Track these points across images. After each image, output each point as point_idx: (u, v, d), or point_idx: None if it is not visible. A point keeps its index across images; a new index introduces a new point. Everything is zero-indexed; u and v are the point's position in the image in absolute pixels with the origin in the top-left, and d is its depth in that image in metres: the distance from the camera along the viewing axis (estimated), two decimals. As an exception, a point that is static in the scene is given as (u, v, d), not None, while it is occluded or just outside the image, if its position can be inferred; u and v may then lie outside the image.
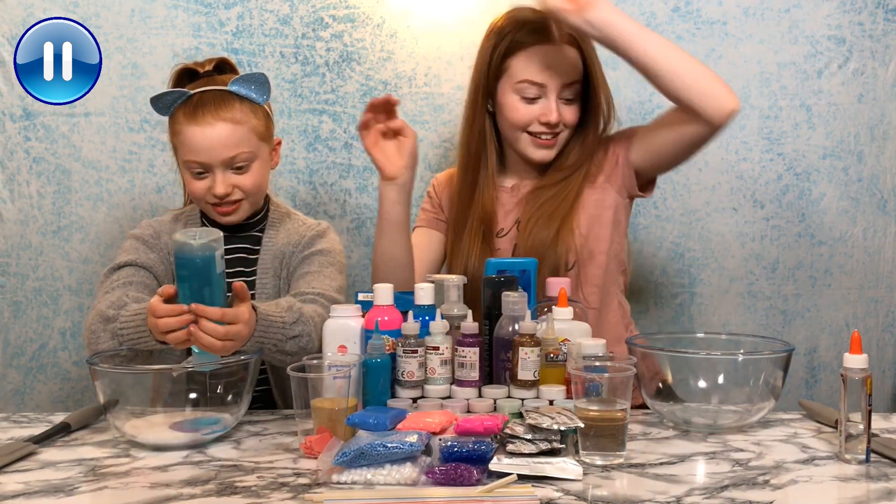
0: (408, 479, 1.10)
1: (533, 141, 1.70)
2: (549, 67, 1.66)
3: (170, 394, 1.33)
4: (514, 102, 1.69)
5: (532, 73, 1.66)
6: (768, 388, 1.35)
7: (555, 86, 1.66)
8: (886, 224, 2.10)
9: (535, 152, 1.71)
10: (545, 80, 1.66)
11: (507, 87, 1.70)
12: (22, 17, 2.02)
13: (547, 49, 1.66)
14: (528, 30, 1.67)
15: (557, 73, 1.66)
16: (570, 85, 1.68)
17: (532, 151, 1.71)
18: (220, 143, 1.54)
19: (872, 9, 2.05)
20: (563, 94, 1.68)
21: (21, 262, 2.08)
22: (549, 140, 1.70)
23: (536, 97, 1.67)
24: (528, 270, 1.48)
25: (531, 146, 1.71)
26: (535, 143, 1.70)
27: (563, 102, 1.68)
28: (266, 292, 1.63)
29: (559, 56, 1.66)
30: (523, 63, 1.67)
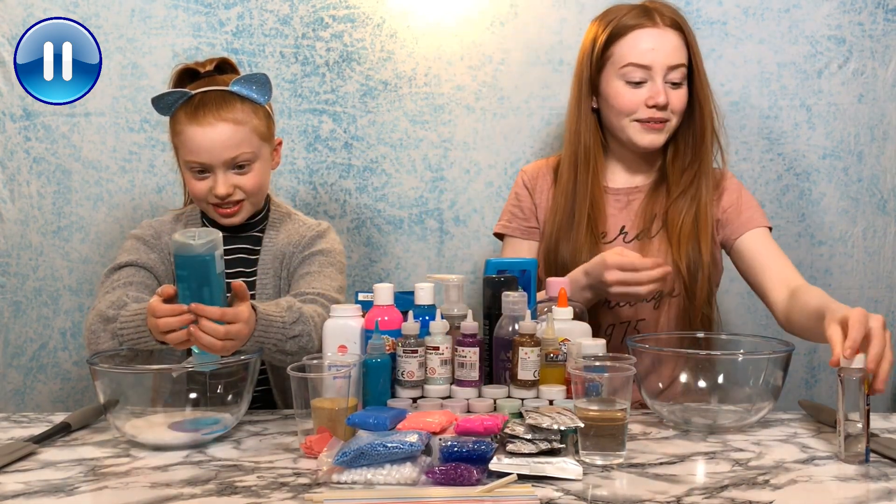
0: (408, 479, 1.10)
1: (641, 126, 1.68)
2: (654, 48, 1.65)
3: (170, 394, 1.33)
4: (620, 88, 1.68)
5: (636, 55, 1.65)
6: (768, 388, 1.35)
7: (660, 67, 1.65)
8: (886, 224, 2.10)
9: (643, 137, 1.68)
10: (650, 62, 1.65)
11: (611, 75, 1.69)
12: (22, 17, 2.02)
13: (650, 31, 1.66)
14: (629, 15, 1.68)
15: (662, 53, 1.65)
16: (675, 67, 1.66)
17: (640, 137, 1.69)
18: (222, 144, 1.54)
19: (872, 9, 2.05)
20: (669, 77, 1.66)
21: (21, 262, 2.08)
22: (658, 125, 1.68)
23: (642, 81, 1.66)
24: (528, 270, 1.48)
25: (639, 132, 1.68)
26: (644, 128, 1.68)
27: (669, 86, 1.67)
28: (266, 292, 1.63)
29: (662, 37, 1.66)
30: (627, 47, 1.67)
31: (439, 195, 2.10)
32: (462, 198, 2.10)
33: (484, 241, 2.10)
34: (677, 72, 1.67)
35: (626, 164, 1.78)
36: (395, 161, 2.09)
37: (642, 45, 1.66)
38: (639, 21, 1.67)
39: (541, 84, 2.08)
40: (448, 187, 2.10)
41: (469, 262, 2.11)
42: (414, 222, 2.10)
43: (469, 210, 2.10)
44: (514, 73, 2.08)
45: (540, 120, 2.09)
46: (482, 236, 2.10)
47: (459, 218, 2.10)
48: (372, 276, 2.09)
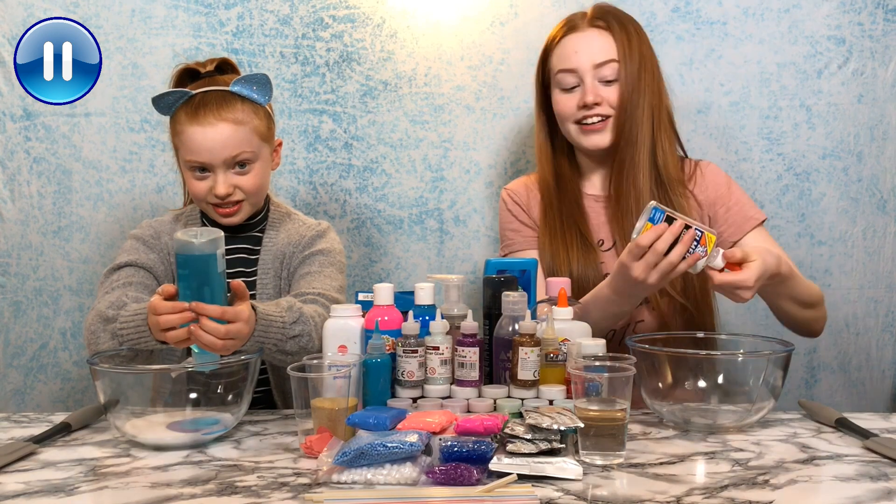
0: (408, 479, 1.10)
1: (581, 129, 1.71)
2: (577, 51, 1.69)
3: (170, 394, 1.33)
4: (557, 96, 1.73)
5: (563, 61, 1.70)
6: (768, 388, 1.35)
7: (586, 67, 1.68)
8: (886, 224, 2.10)
9: (585, 139, 1.71)
10: (575, 65, 1.69)
11: (553, 86, 1.75)
12: (22, 17, 2.02)
13: (575, 36, 1.70)
14: (561, 28, 1.73)
15: (585, 55, 1.68)
16: (602, 64, 1.68)
17: (583, 139, 1.72)
18: (222, 144, 1.54)
19: (872, 9, 2.05)
20: (600, 76, 1.68)
21: (21, 263, 2.08)
22: (595, 125, 1.70)
23: (575, 85, 1.70)
24: (528, 270, 1.48)
25: (580, 135, 1.72)
26: (583, 130, 1.71)
27: (602, 84, 1.69)
28: (267, 292, 1.63)
29: (585, 39, 1.69)
30: (556, 57, 1.72)
31: (439, 195, 2.10)
32: (462, 198, 2.10)
33: (484, 241, 2.10)
34: (607, 68, 1.68)
35: (596, 170, 1.79)
36: (395, 161, 2.09)
37: (568, 49, 1.70)
38: (564, 31, 1.72)
39: (541, 84, 2.08)
40: (448, 187, 2.10)
41: (469, 262, 2.11)
42: (414, 222, 2.10)
43: (469, 210, 2.10)
44: (514, 73, 2.08)
45: (540, 120, 2.08)
46: (482, 236, 2.10)
47: (459, 218, 2.11)
48: (372, 276, 2.09)
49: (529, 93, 2.08)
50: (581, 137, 1.72)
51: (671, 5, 2.05)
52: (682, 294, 1.67)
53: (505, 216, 1.83)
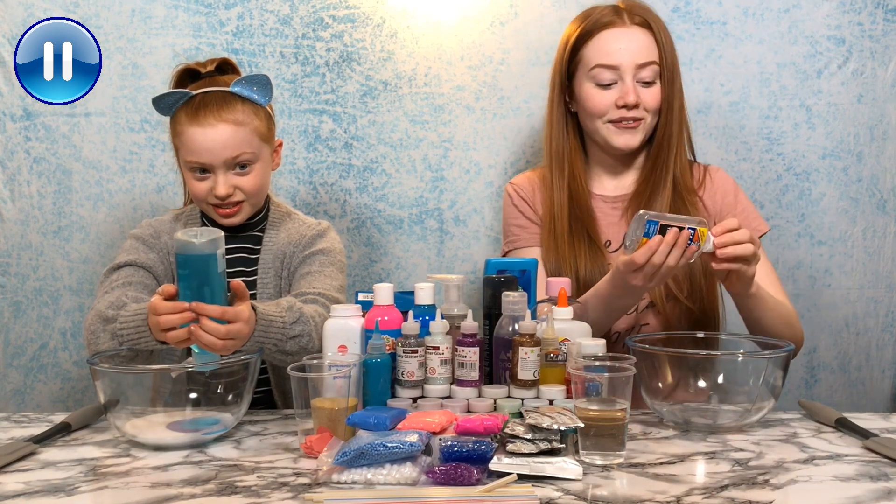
0: (408, 479, 1.10)
1: (614, 127, 1.67)
2: (621, 48, 1.64)
3: (170, 394, 1.33)
4: (591, 90, 1.67)
5: (604, 56, 1.65)
6: (768, 388, 1.35)
7: (629, 66, 1.64)
8: (886, 224, 2.10)
9: (617, 138, 1.68)
10: (618, 62, 1.64)
11: (582, 78, 1.68)
12: (22, 17, 2.02)
13: (616, 31, 1.65)
14: (596, 17, 1.67)
15: (629, 52, 1.64)
16: (645, 65, 1.65)
17: (614, 138, 1.68)
18: (222, 145, 1.54)
19: (872, 9, 2.05)
20: (639, 76, 1.65)
21: (21, 262, 2.08)
22: (631, 124, 1.67)
23: (612, 82, 1.65)
24: (528, 270, 1.48)
25: (613, 133, 1.68)
26: (617, 128, 1.67)
27: (640, 85, 1.65)
28: (267, 292, 1.63)
29: (630, 36, 1.65)
30: (595, 48, 1.66)
31: (439, 195, 2.10)
32: (462, 198, 2.10)
33: (484, 241, 2.10)
34: (648, 69, 1.65)
35: (610, 170, 1.77)
36: (395, 161, 2.10)
37: (610, 45, 1.65)
38: (607, 21, 1.66)
39: (541, 84, 2.07)
40: (448, 187, 2.10)
41: (469, 262, 2.11)
42: (414, 222, 2.10)
43: (469, 210, 2.10)
44: (514, 73, 2.08)
45: (540, 120, 2.08)
46: (482, 236, 2.10)
47: (459, 218, 2.11)
48: (372, 276, 2.09)
49: (529, 93, 2.08)
50: (613, 136, 1.68)
51: (671, 5, 2.05)
52: (688, 298, 1.66)
53: (509, 211, 1.80)
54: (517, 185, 1.81)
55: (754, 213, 1.75)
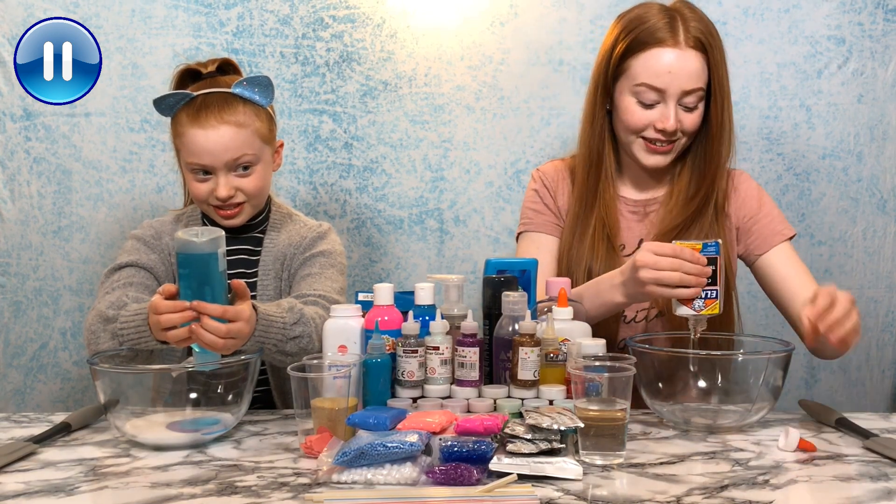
0: (408, 479, 1.10)
1: (647, 146, 1.63)
2: (670, 72, 1.56)
3: (170, 394, 1.33)
4: (631, 105, 1.61)
5: (651, 76, 1.57)
6: (768, 388, 1.35)
7: (675, 92, 1.57)
8: (886, 224, 2.10)
9: (647, 158, 1.63)
10: (665, 86, 1.57)
11: (625, 88, 1.62)
12: (22, 17, 2.02)
13: (669, 52, 1.56)
14: (651, 29, 1.58)
15: (678, 78, 1.56)
16: (691, 92, 1.58)
17: (644, 157, 1.64)
18: (224, 146, 1.54)
19: (872, 9, 2.05)
20: (683, 101, 1.58)
21: (21, 262, 2.08)
22: (664, 147, 1.62)
23: (655, 102, 1.59)
24: (528, 270, 1.48)
25: (644, 151, 1.63)
26: (649, 149, 1.63)
27: (682, 109, 1.59)
28: (267, 294, 1.63)
29: (682, 60, 1.56)
30: (642, 65, 1.58)
31: (439, 195, 2.10)
32: (462, 198, 2.10)
33: (484, 241, 2.10)
34: (693, 96, 1.58)
35: (635, 177, 1.73)
36: (395, 161, 2.10)
37: (659, 66, 1.57)
38: (660, 37, 1.57)
39: (541, 84, 2.08)
40: (448, 187, 2.10)
41: (469, 262, 2.11)
42: (414, 222, 2.10)
43: (469, 210, 2.10)
44: (514, 73, 2.08)
45: (540, 120, 2.09)
46: (482, 236, 2.10)
47: (459, 218, 2.11)
48: (372, 276, 2.09)
49: (529, 93, 2.08)
50: (643, 154, 1.64)
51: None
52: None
53: (530, 195, 1.77)
54: (543, 172, 1.77)
55: (780, 217, 1.70)
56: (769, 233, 1.67)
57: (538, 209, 1.74)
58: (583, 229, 1.68)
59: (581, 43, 2.04)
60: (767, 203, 1.71)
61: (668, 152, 1.63)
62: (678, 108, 1.59)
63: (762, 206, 1.70)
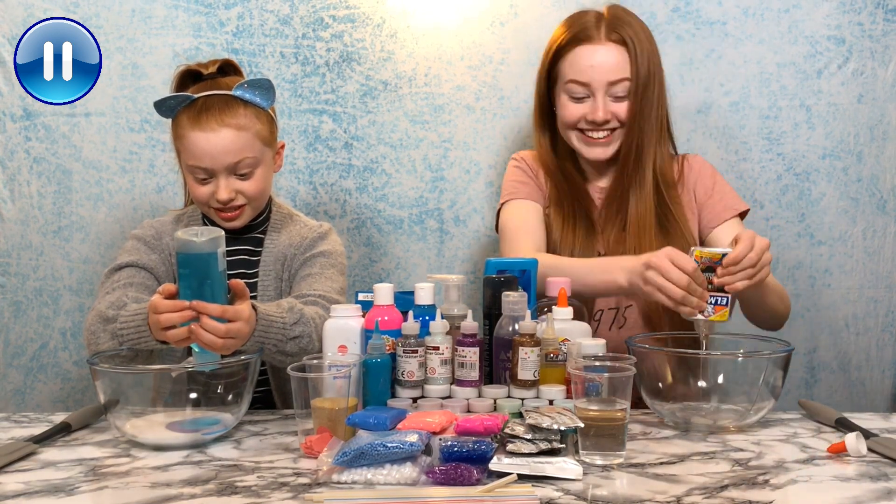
0: (408, 479, 1.10)
1: (584, 139, 1.73)
2: (592, 66, 1.68)
3: (170, 394, 1.33)
4: (564, 101, 1.73)
5: (576, 72, 1.70)
6: (768, 388, 1.36)
7: (599, 84, 1.68)
8: (886, 224, 2.10)
9: (588, 150, 1.74)
10: (588, 79, 1.69)
11: (559, 90, 1.75)
12: (22, 17, 2.02)
13: (589, 48, 1.69)
14: (572, 33, 1.71)
15: (600, 71, 1.68)
16: (616, 82, 1.68)
17: (585, 150, 1.74)
18: (224, 149, 1.54)
19: (872, 9, 2.05)
20: (611, 92, 1.69)
21: (21, 262, 2.08)
22: (602, 138, 1.71)
23: (585, 96, 1.70)
24: (528, 270, 1.48)
25: (583, 144, 1.74)
26: (586, 141, 1.73)
27: (612, 100, 1.70)
28: (268, 294, 1.63)
29: (603, 54, 1.68)
30: (568, 65, 1.71)
31: (439, 195, 2.10)
32: (462, 198, 2.10)
33: (484, 241, 2.10)
34: (620, 86, 1.69)
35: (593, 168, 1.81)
36: (395, 161, 2.10)
37: (583, 62, 1.69)
38: (578, 38, 1.69)
39: (541, 84, 2.08)
40: (448, 187, 2.10)
41: (469, 262, 2.11)
42: (414, 222, 2.10)
43: (469, 210, 2.10)
44: (514, 73, 2.08)
45: (540, 120, 2.08)
46: (482, 236, 2.10)
47: (459, 218, 2.11)
48: (372, 276, 2.09)
49: (529, 93, 2.07)
50: (583, 148, 1.74)
51: (671, 5, 2.05)
52: None
53: (512, 172, 1.83)
54: (523, 156, 1.85)
55: (732, 193, 1.79)
56: (721, 208, 1.76)
57: (523, 181, 1.81)
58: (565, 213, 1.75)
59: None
60: (720, 181, 1.80)
61: (608, 143, 1.73)
62: (607, 99, 1.69)
63: (715, 184, 1.78)
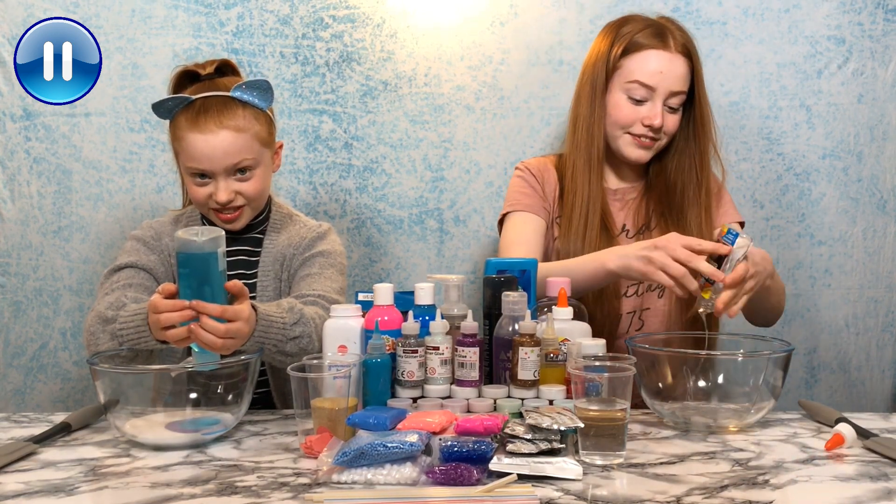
0: (408, 479, 1.10)
1: (633, 140, 1.74)
2: (661, 72, 1.70)
3: (170, 394, 1.33)
4: (622, 101, 1.72)
5: (644, 75, 1.70)
6: (768, 388, 1.36)
7: (663, 91, 1.70)
8: (886, 224, 2.10)
9: (633, 152, 1.75)
10: (655, 84, 1.70)
11: (616, 85, 1.73)
12: (22, 17, 2.02)
13: (661, 54, 1.70)
14: (648, 33, 1.72)
15: (668, 79, 1.70)
16: (676, 94, 1.72)
17: (630, 151, 1.75)
18: (223, 151, 1.53)
19: (872, 9, 2.05)
20: (668, 102, 1.72)
21: (21, 262, 2.08)
22: (648, 142, 1.73)
23: (643, 99, 1.71)
24: (528, 270, 1.48)
25: (630, 145, 1.74)
26: (635, 143, 1.74)
27: (667, 110, 1.72)
28: (267, 294, 1.63)
29: (672, 63, 1.70)
30: (636, 64, 1.71)
31: (439, 195, 2.10)
32: (462, 198, 2.10)
33: (484, 241, 2.10)
34: (677, 98, 1.72)
35: (615, 168, 1.83)
36: (395, 161, 2.10)
37: (651, 65, 1.70)
38: (652, 42, 1.71)
39: (541, 84, 2.08)
40: (448, 187, 2.10)
41: (469, 262, 2.11)
42: (414, 222, 2.10)
43: (469, 210, 2.10)
44: (514, 73, 2.08)
45: (540, 120, 2.09)
46: (482, 236, 2.10)
47: (459, 218, 2.11)
48: (372, 276, 2.09)
49: (529, 93, 2.08)
50: (629, 147, 1.75)
51: (671, 5, 2.05)
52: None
53: (516, 182, 1.83)
54: (528, 164, 1.84)
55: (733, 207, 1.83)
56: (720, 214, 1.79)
57: (526, 192, 1.80)
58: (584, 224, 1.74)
59: (581, 43, 2.04)
60: (725, 196, 1.84)
61: (651, 148, 1.75)
62: (664, 108, 1.72)
63: (721, 198, 1.82)
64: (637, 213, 1.79)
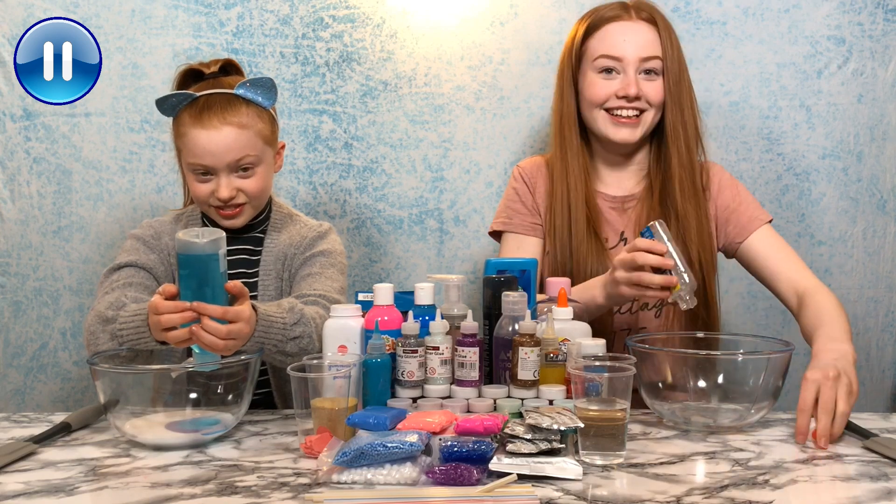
0: (408, 479, 1.10)
1: (612, 119, 1.68)
2: (625, 40, 1.66)
3: (170, 394, 1.33)
4: (593, 78, 1.69)
5: (607, 46, 1.67)
6: (768, 388, 1.35)
7: (633, 59, 1.66)
8: (886, 224, 2.10)
9: (615, 132, 1.68)
10: (621, 53, 1.66)
11: (586, 68, 1.70)
12: (22, 17, 2.02)
13: (622, 24, 1.67)
14: (603, 12, 1.70)
15: (633, 45, 1.66)
16: (648, 59, 1.66)
17: (611, 131, 1.68)
18: (226, 147, 1.54)
19: (872, 9, 2.05)
20: (642, 68, 1.66)
21: (21, 262, 2.08)
22: (631, 119, 1.67)
23: (615, 71, 1.67)
24: (528, 270, 1.48)
25: (609, 124, 1.68)
26: (614, 121, 1.68)
27: (643, 78, 1.67)
28: (268, 294, 1.63)
29: (635, 30, 1.67)
30: (599, 39, 1.69)
31: (439, 195, 2.10)
32: (462, 198, 2.10)
33: (484, 241, 2.10)
34: (650, 62, 1.67)
35: (614, 168, 1.77)
36: (395, 161, 2.10)
37: (615, 37, 1.67)
38: (613, 15, 1.69)
39: (541, 84, 2.08)
40: (448, 187, 2.10)
41: (469, 262, 2.11)
42: (414, 222, 2.11)
43: (469, 210, 2.10)
44: (514, 73, 2.08)
45: (540, 120, 2.09)
46: (482, 236, 2.10)
47: (459, 218, 2.11)
48: (372, 276, 2.09)
49: (529, 93, 2.08)
50: (610, 128, 1.69)
51: (671, 5, 2.05)
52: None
53: (510, 193, 1.79)
54: (522, 168, 1.80)
55: (755, 204, 1.75)
56: (746, 220, 1.71)
57: (516, 209, 1.77)
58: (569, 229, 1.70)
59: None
60: (742, 192, 1.76)
61: (636, 126, 1.68)
62: (638, 77, 1.66)
63: (739, 194, 1.74)
64: (638, 222, 1.72)
